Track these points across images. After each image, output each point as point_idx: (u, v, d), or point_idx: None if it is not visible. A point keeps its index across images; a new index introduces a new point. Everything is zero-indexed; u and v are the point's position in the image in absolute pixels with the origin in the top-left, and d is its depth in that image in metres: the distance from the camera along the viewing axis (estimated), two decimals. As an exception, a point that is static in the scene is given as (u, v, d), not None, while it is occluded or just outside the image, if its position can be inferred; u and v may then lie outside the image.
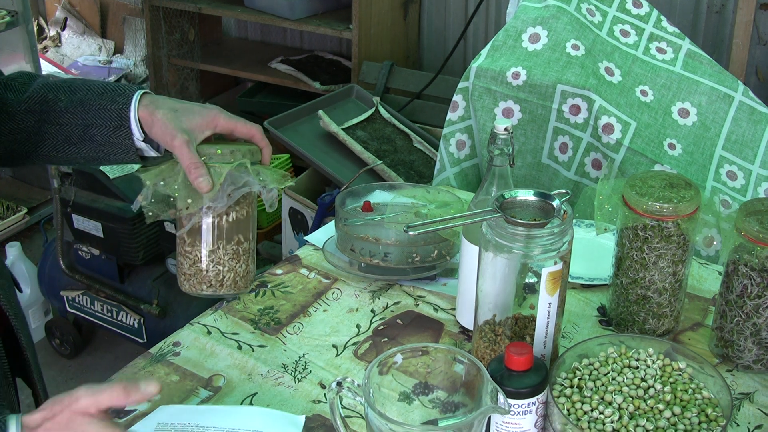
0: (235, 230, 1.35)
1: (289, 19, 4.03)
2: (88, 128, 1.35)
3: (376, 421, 1.18)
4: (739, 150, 2.20)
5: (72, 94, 1.36)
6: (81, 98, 1.35)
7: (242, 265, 1.38)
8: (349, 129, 3.45)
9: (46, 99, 1.36)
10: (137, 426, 1.39)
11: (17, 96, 1.37)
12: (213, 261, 1.35)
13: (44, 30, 5.25)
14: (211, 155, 1.28)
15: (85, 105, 1.35)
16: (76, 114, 1.35)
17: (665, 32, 2.35)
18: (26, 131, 1.37)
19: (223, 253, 1.35)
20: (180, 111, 1.30)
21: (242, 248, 1.37)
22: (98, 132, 1.34)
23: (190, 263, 1.36)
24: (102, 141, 1.35)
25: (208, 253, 1.34)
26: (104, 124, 1.34)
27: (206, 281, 1.36)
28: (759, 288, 1.46)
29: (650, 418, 1.24)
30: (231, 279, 1.37)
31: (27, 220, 3.96)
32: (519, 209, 1.33)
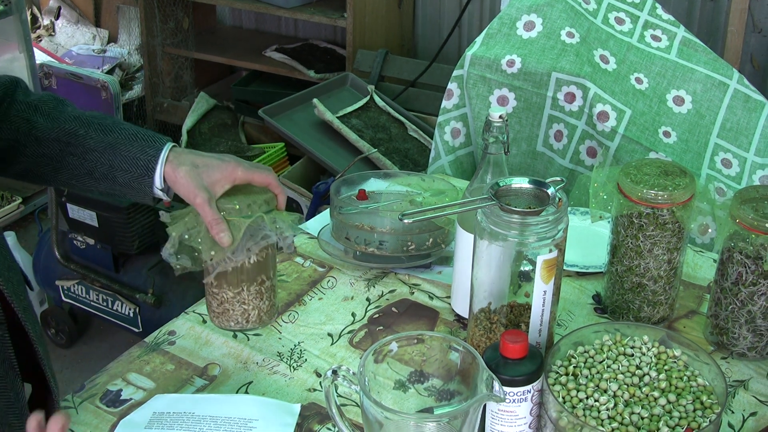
0: (256, 272, 1.42)
1: (283, 7, 4.02)
2: (113, 170, 1.39)
3: (372, 410, 1.18)
4: (734, 138, 2.20)
5: (103, 134, 1.39)
6: (112, 141, 1.39)
7: (265, 302, 1.45)
8: (344, 117, 3.45)
9: (76, 133, 1.39)
10: (133, 415, 1.39)
11: (47, 122, 1.40)
12: (238, 301, 1.43)
13: (38, 19, 5.23)
14: (230, 210, 1.36)
15: (114, 149, 1.38)
16: (103, 154, 1.38)
17: (660, 20, 2.34)
18: (50, 157, 1.40)
19: (247, 294, 1.43)
20: (200, 167, 1.37)
21: (264, 287, 1.44)
22: (122, 175, 1.39)
23: (217, 303, 1.44)
24: (123, 183, 1.40)
25: (233, 295, 1.43)
26: (130, 170, 1.38)
27: (233, 319, 1.44)
28: (754, 275, 1.46)
29: (645, 405, 1.25)
30: (256, 315, 1.45)
31: (22, 210, 3.95)
32: (514, 197, 1.33)
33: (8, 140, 1.40)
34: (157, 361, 1.53)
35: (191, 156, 1.39)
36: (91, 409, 1.42)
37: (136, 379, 1.49)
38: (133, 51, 4.94)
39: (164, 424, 1.36)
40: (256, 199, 1.39)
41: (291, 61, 4.22)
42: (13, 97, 1.41)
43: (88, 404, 1.43)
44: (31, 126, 1.39)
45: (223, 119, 4.24)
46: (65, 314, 3.42)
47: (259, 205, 1.39)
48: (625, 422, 1.22)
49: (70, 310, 3.41)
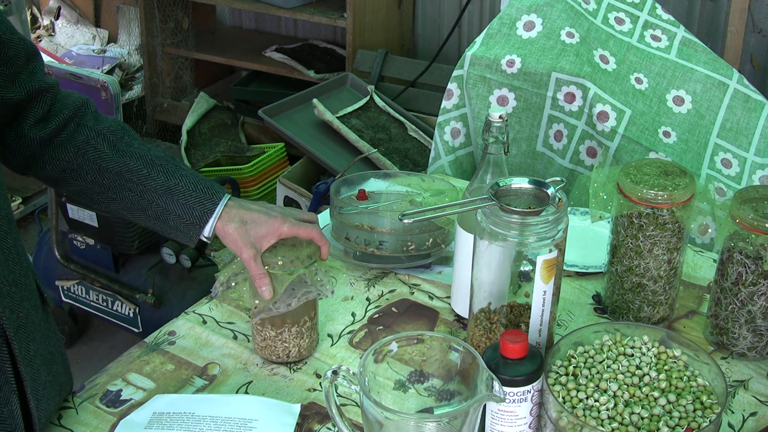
0: (298, 316, 1.50)
1: (283, 7, 4.02)
2: (167, 213, 1.43)
3: (372, 410, 1.18)
4: (733, 138, 2.20)
5: (165, 178, 1.42)
6: (171, 187, 1.42)
7: (305, 340, 1.52)
8: (344, 117, 3.45)
9: (139, 172, 1.42)
10: (133, 415, 1.39)
11: (113, 154, 1.42)
12: (280, 340, 1.51)
13: (38, 19, 5.23)
14: (273, 265, 1.43)
15: (173, 194, 1.42)
16: (162, 197, 1.42)
17: (660, 20, 2.34)
18: (108, 187, 1.43)
19: (288, 335, 1.50)
20: (249, 223, 1.42)
21: (305, 328, 1.51)
22: (174, 219, 1.43)
23: (261, 338, 1.52)
24: (173, 226, 1.44)
25: (275, 335, 1.50)
26: (183, 217, 1.43)
27: (275, 354, 1.52)
28: (754, 275, 1.46)
29: (645, 405, 1.25)
30: (296, 352, 1.52)
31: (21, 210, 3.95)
32: (514, 197, 1.33)
33: (72, 163, 1.42)
34: (157, 361, 1.53)
35: (241, 211, 1.44)
36: (91, 410, 1.42)
37: (136, 379, 1.49)
38: (132, 51, 4.94)
39: (164, 424, 1.36)
40: (300, 254, 1.45)
41: (291, 61, 4.22)
42: (81, 120, 1.43)
43: (88, 404, 1.43)
44: (97, 155, 1.42)
45: (223, 119, 4.24)
46: (65, 314, 3.41)
47: (302, 261, 1.45)
48: (625, 422, 1.22)
49: (70, 311, 3.41)
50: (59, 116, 1.40)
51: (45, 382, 1.33)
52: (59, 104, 1.42)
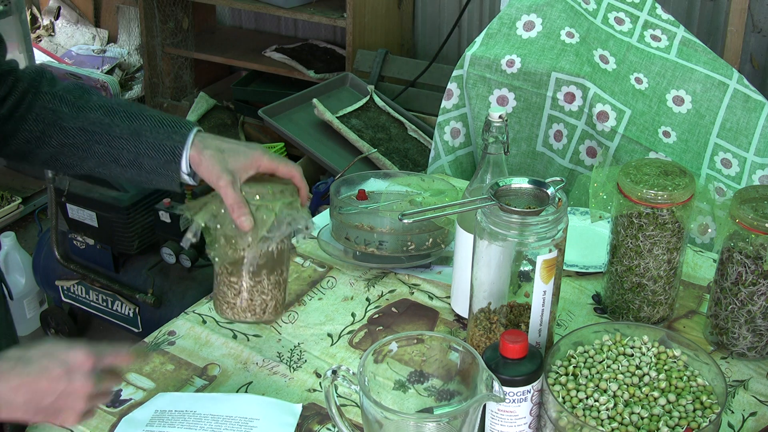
0: (278, 262, 1.41)
1: (283, 7, 4.02)
2: (139, 156, 1.39)
3: (372, 410, 1.18)
4: (733, 137, 2.20)
5: (129, 121, 1.39)
6: (137, 128, 1.39)
7: (281, 293, 1.43)
8: (344, 117, 3.45)
9: (102, 122, 1.39)
10: (135, 413, 1.40)
11: (73, 112, 1.40)
12: (258, 291, 1.40)
13: (37, 19, 5.23)
14: (263, 194, 1.36)
15: (140, 136, 1.39)
16: (130, 142, 1.39)
17: (660, 20, 2.34)
18: (76, 146, 1.41)
19: (267, 283, 1.40)
20: (226, 152, 1.36)
21: (282, 278, 1.42)
22: (148, 162, 1.39)
23: (234, 293, 1.41)
24: (150, 170, 1.40)
25: (254, 284, 1.40)
26: (156, 156, 1.38)
27: (251, 309, 1.41)
28: (753, 275, 1.46)
29: (645, 405, 1.25)
30: (272, 306, 1.42)
31: (21, 210, 3.95)
32: (514, 197, 1.33)
33: (34, 131, 1.40)
34: (156, 361, 1.53)
35: (217, 141, 1.39)
36: (90, 410, 1.42)
37: (135, 379, 1.49)
38: (132, 51, 4.94)
39: (166, 422, 1.37)
40: (286, 188, 1.39)
41: (291, 61, 4.22)
42: (38, 89, 1.42)
43: (88, 404, 1.43)
44: (56, 116, 1.40)
45: (222, 119, 4.24)
46: (65, 314, 3.41)
47: (290, 192, 1.39)
48: (624, 422, 1.22)
49: (69, 311, 3.40)
50: (16, 91, 1.40)
51: None
52: (18, 81, 1.42)
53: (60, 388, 1.15)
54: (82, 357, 1.17)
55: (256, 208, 1.35)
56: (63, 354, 1.17)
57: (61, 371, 1.15)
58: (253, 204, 1.35)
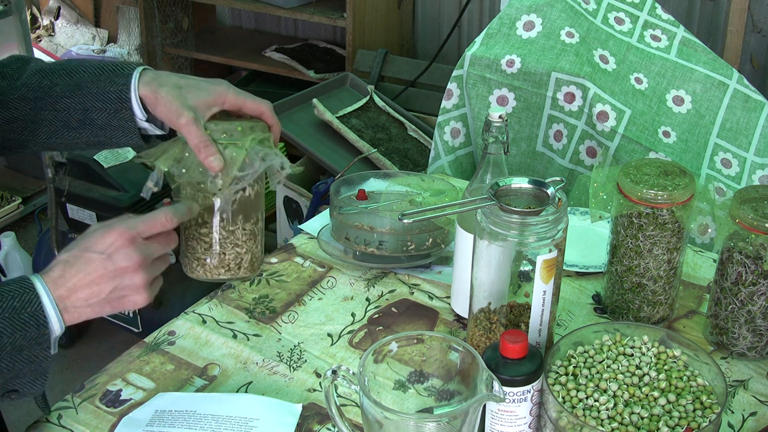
0: (252, 208, 1.29)
1: (283, 7, 4.02)
2: (87, 112, 1.29)
3: (372, 410, 1.18)
4: (733, 137, 2.20)
5: (68, 77, 1.30)
6: (78, 81, 1.30)
7: (257, 246, 1.32)
8: (344, 117, 3.45)
9: (40, 85, 1.31)
10: (135, 412, 1.39)
11: (10, 83, 1.32)
12: (231, 243, 1.30)
13: (37, 19, 5.23)
14: (232, 131, 1.24)
15: (82, 88, 1.29)
16: (73, 98, 1.29)
17: (660, 20, 2.34)
18: (22, 119, 1.32)
19: (242, 233, 1.29)
20: (185, 87, 1.25)
21: (257, 228, 1.31)
22: (98, 116, 1.29)
23: (205, 247, 1.30)
24: (103, 124, 1.30)
25: (226, 235, 1.29)
26: (104, 107, 1.28)
27: (224, 265, 1.30)
28: (753, 275, 1.46)
29: (645, 405, 1.25)
30: (248, 261, 1.32)
31: (21, 210, 3.95)
32: (514, 197, 1.33)
33: None
34: (156, 361, 1.53)
35: (174, 77, 1.27)
36: (90, 409, 1.42)
37: (135, 379, 1.49)
38: (132, 51, 4.94)
39: (166, 421, 1.36)
40: (257, 124, 1.26)
41: (290, 61, 4.22)
42: None
43: (88, 404, 1.43)
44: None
45: (222, 119, 4.24)
46: (65, 314, 3.41)
47: (261, 129, 1.26)
48: (624, 422, 1.22)
49: (69, 310, 3.40)
50: None
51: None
52: None
53: (110, 274, 1.16)
54: (115, 237, 1.16)
55: (224, 147, 1.22)
56: (99, 242, 1.16)
57: (103, 257, 1.15)
58: (221, 143, 1.22)
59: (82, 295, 1.16)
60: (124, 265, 1.17)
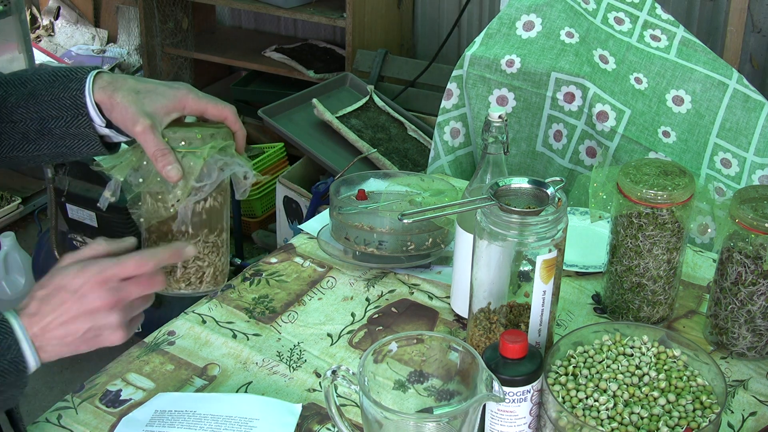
0: (215, 219, 1.24)
1: (282, 7, 4.02)
2: (44, 122, 1.23)
3: (371, 410, 1.18)
4: (733, 137, 2.20)
5: (22, 87, 1.25)
6: (31, 90, 1.24)
7: (221, 258, 1.28)
8: (344, 117, 3.45)
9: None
10: (135, 412, 1.39)
11: None
12: (194, 255, 1.24)
13: (37, 19, 5.23)
14: (191, 139, 1.18)
15: (36, 97, 1.23)
16: (28, 108, 1.23)
17: (659, 20, 2.34)
18: None
19: (203, 246, 1.24)
20: (143, 93, 1.20)
21: (220, 239, 1.27)
22: (55, 124, 1.23)
23: None
24: (61, 134, 1.24)
25: None
26: (60, 114, 1.23)
27: (185, 279, 1.26)
28: (753, 275, 1.46)
29: (645, 405, 1.25)
30: (211, 274, 1.27)
31: (21, 210, 3.95)
32: (513, 197, 1.33)
33: None
34: (156, 361, 1.53)
35: (131, 81, 1.21)
36: (90, 410, 1.42)
37: (135, 379, 1.49)
38: (132, 51, 4.94)
39: (166, 421, 1.36)
40: (219, 131, 1.20)
41: (290, 61, 4.22)
42: None
43: (88, 404, 1.43)
44: None
45: (222, 119, 4.24)
46: (65, 314, 3.41)
47: (222, 136, 1.20)
48: (624, 422, 1.22)
49: (69, 311, 3.40)
50: None
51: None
52: None
53: (83, 315, 1.13)
54: (86, 279, 1.13)
55: (183, 156, 1.16)
56: (72, 281, 1.13)
57: (75, 298, 1.12)
58: (179, 151, 1.17)
59: (57, 333, 1.13)
60: (97, 305, 1.14)
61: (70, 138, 1.24)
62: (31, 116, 1.24)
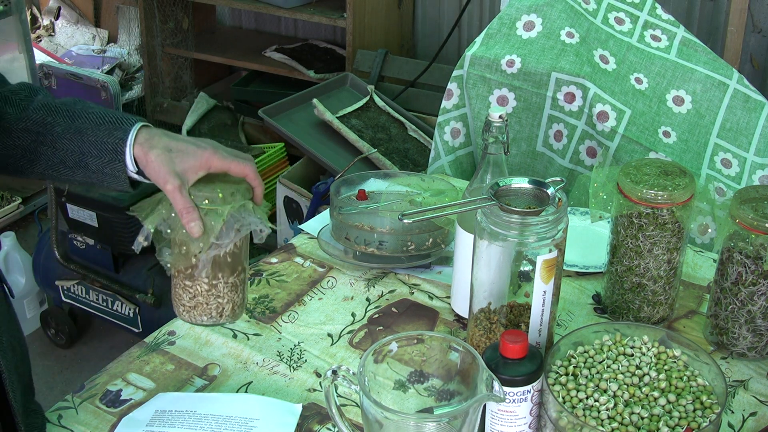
0: (232, 264, 1.36)
1: (283, 7, 4.02)
2: (83, 156, 1.34)
3: (372, 410, 1.18)
4: (733, 138, 2.20)
5: (71, 120, 1.35)
6: (79, 127, 1.34)
7: (239, 295, 1.39)
8: (344, 117, 3.45)
9: (44, 121, 1.35)
10: (135, 412, 1.40)
11: (16, 112, 1.35)
12: (213, 295, 1.36)
13: (37, 19, 5.23)
14: (213, 198, 1.31)
15: (82, 134, 1.34)
16: (72, 141, 1.34)
17: (660, 20, 2.34)
18: (22, 148, 1.36)
19: (223, 286, 1.36)
20: (174, 152, 1.31)
21: (239, 279, 1.38)
22: (93, 161, 1.34)
23: (190, 296, 1.38)
24: (96, 169, 1.35)
25: (208, 288, 1.36)
26: (99, 155, 1.33)
27: (206, 313, 1.37)
28: (753, 275, 1.46)
29: (645, 405, 1.25)
30: (230, 309, 1.38)
31: (21, 210, 3.95)
32: (514, 197, 1.33)
33: None
34: (156, 361, 1.53)
35: (165, 139, 1.32)
36: (90, 410, 1.42)
37: (135, 379, 1.49)
38: (132, 51, 4.94)
39: (166, 421, 1.36)
40: (239, 188, 1.33)
41: (291, 61, 4.22)
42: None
43: (88, 404, 1.43)
44: (0, 119, 1.35)
45: (222, 119, 4.24)
46: (65, 314, 3.41)
47: (242, 194, 1.33)
48: (625, 422, 1.22)
49: (70, 311, 3.41)
50: None
51: (14, 371, 1.33)
52: None
53: None
54: None
55: (205, 213, 1.30)
56: None
57: None
58: (202, 208, 1.30)
59: None
60: None
61: (103, 174, 1.35)
62: (73, 148, 1.34)
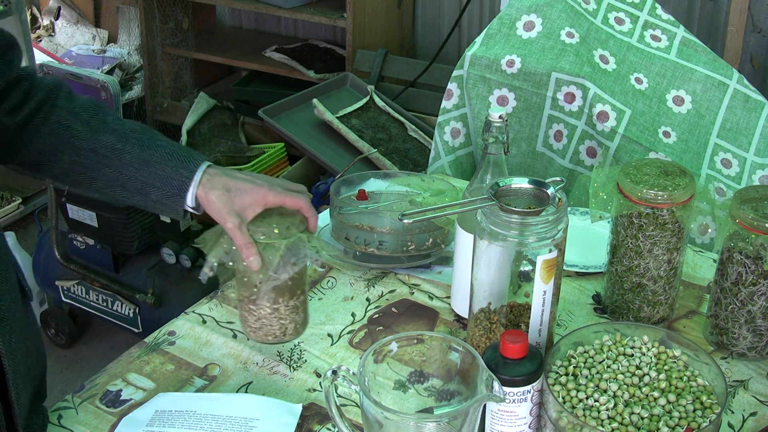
0: (292, 288, 1.44)
1: (283, 7, 4.02)
2: (146, 186, 1.40)
3: (372, 410, 1.18)
4: (733, 138, 2.20)
5: (140, 150, 1.40)
6: (147, 159, 1.40)
7: (300, 315, 1.48)
8: (344, 117, 3.45)
9: (114, 147, 1.40)
10: (135, 412, 1.40)
11: (87, 132, 1.40)
12: (276, 317, 1.45)
13: (37, 19, 5.23)
14: (269, 234, 1.39)
15: (150, 166, 1.40)
16: (139, 171, 1.40)
17: (660, 20, 2.34)
18: (86, 167, 1.41)
19: (285, 309, 1.45)
20: (232, 191, 1.39)
21: (299, 301, 1.47)
22: (155, 192, 1.41)
23: (255, 319, 1.46)
24: (156, 199, 1.42)
25: (271, 311, 1.44)
26: (163, 188, 1.40)
27: (271, 334, 1.46)
28: (753, 275, 1.46)
29: (645, 405, 1.25)
30: (293, 328, 1.47)
31: (21, 210, 3.95)
32: (514, 197, 1.33)
33: (47, 145, 1.40)
34: (156, 362, 1.53)
35: (224, 179, 1.40)
36: (90, 410, 1.42)
37: (135, 379, 1.49)
38: (132, 51, 4.94)
39: (166, 421, 1.36)
40: (293, 221, 1.42)
41: (291, 61, 4.22)
42: (55, 102, 1.41)
43: (88, 404, 1.43)
44: (70, 134, 1.40)
45: (222, 119, 4.24)
46: (65, 314, 3.41)
47: (296, 226, 1.42)
48: (625, 422, 1.22)
49: (70, 311, 3.41)
50: (33, 100, 1.39)
51: (23, 374, 1.33)
52: (34, 89, 1.40)
53: None
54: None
55: (263, 248, 1.39)
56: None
57: None
58: (260, 243, 1.38)
59: None
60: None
61: (161, 204, 1.43)
62: (138, 177, 1.40)
